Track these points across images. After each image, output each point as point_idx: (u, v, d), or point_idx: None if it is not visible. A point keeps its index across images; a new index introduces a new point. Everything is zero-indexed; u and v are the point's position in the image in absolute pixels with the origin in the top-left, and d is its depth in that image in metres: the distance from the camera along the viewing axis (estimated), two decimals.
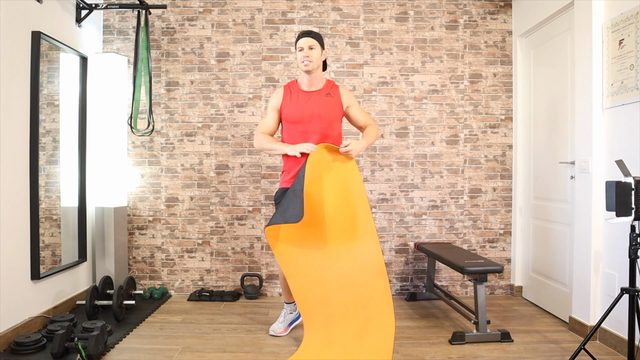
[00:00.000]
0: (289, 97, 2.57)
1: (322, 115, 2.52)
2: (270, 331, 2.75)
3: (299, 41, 2.50)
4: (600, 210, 2.66)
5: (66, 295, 3.11)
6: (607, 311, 2.07)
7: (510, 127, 3.71)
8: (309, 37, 2.48)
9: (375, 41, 3.67)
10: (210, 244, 3.66)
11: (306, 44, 2.47)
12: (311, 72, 2.51)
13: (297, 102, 2.55)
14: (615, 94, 2.55)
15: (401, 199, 3.68)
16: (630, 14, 2.43)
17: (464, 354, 2.49)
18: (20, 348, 2.36)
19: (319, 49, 2.50)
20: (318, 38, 2.51)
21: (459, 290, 3.70)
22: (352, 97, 2.64)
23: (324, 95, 2.56)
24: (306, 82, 2.57)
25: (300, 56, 2.48)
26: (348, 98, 2.61)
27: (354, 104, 2.63)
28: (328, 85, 2.61)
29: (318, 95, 2.55)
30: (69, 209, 3.18)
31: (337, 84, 2.71)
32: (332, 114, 2.55)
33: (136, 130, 3.38)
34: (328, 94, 2.56)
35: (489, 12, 3.70)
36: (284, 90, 2.61)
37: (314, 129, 2.52)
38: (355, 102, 2.64)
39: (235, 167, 3.66)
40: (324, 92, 2.57)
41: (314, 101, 2.54)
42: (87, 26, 3.41)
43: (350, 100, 2.62)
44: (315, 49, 2.48)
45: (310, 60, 2.46)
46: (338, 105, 2.58)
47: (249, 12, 3.66)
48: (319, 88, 2.57)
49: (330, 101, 2.56)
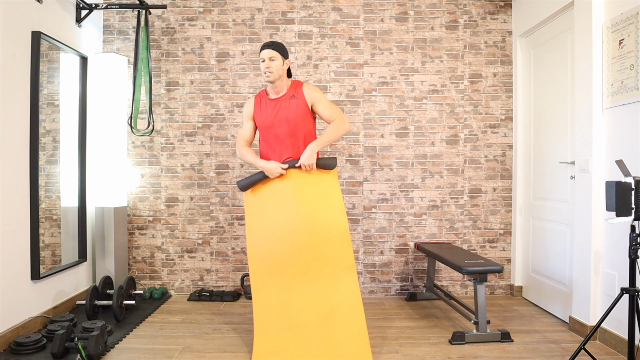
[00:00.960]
0: (259, 105, 2.71)
1: (289, 118, 2.63)
2: None
3: (261, 53, 2.59)
4: (600, 210, 2.66)
5: (66, 295, 3.11)
6: (607, 311, 2.07)
7: (510, 127, 3.71)
8: (269, 49, 2.57)
9: (375, 41, 3.67)
10: (210, 244, 3.66)
11: (267, 55, 2.56)
12: (274, 82, 2.61)
13: (266, 109, 2.68)
14: (615, 94, 2.55)
15: (401, 199, 3.68)
16: (630, 14, 2.43)
17: (464, 354, 2.49)
18: (20, 348, 2.36)
19: (279, 59, 2.58)
20: (279, 49, 2.59)
21: (459, 290, 3.70)
22: (317, 92, 2.66)
23: (289, 98, 2.66)
24: (272, 90, 2.68)
25: (263, 67, 2.59)
26: (311, 95, 2.64)
27: (319, 100, 2.64)
28: (292, 87, 2.68)
29: (284, 100, 2.65)
30: (69, 209, 3.18)
31: (302, 81, 2.74)
32: (298, 114, 2.63)
33: (136, 130, 3.38)
34: (292, 97, 2.65)
35: (489, 12, 3.70)
36: (254, 100, 2.73)
37: (283, 132, 2.64)
38: (320, 97, 2.65)
39: (235, 167, 3.66)
40: (289, 95, 2.66)
41: (280, 107, 2.65)
42: (87, 26, 3.42)
43: (313, 97, 2.64)
44: (276, 60, 2.57)
45: (270, 72, 2.56)
46: (302, 105, 2.64)
47: (249, 12, 3.66)
48: (283, 93, 2.67)
49: (295, 103, 2.65)
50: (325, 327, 2.29)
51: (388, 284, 3.68)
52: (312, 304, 2.34)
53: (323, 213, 2.48)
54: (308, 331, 2.30)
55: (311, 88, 2.67)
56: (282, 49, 2.62)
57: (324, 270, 2.39)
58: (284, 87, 2.67)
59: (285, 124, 2.63)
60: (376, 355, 2.46)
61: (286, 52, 2.65)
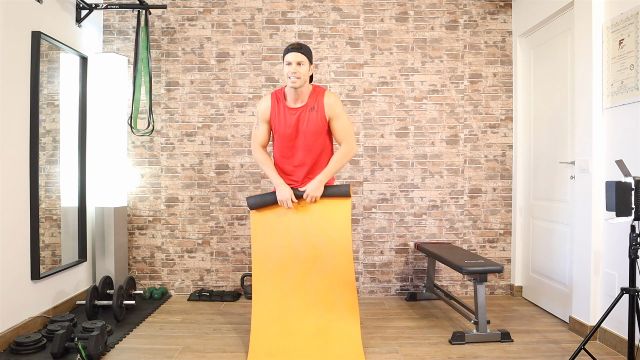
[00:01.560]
0: (277, 111, 2.54)
1: (307, 132, 2.51)
2: None
3: (288, 55, 2.40)
4: (600, 210, 2.66)
5: (66, 295, 3.11)
6: (607, 311, 2.07)
7: (510, 127, 3.71)
8: (299, 52, 2.38)
9: (375, 41, 3.67)
10: (210, 244, 3.67)
11: (295, 59, 2.38)
12: (298, 88, 2.45)
13: (284, 118, 2.53)
14: (615, 94, 2.55)
15: (401, 199, 3.68)
16: (630, 14, 2.43)
17: (464, 354, 2.49)
18: (20, 348, 2.36)
19: (307, 64, 2.41)
20: (307, 53, 2.42)
21: (459, 290, 3.70)
22: (337, 106, 2.50)
23: (309, 110, 2.50)
24: (292, 97, 2.50)
25: (288, 71, 2.40)
26: (330, 111, 2.49)
27: (336, 117, 2.50)
28: (313, 96, 2.51)
29: (303, 111, 2.50)
30: (69, 209, 3.18)
31: (324, 88, 2.58)
32: (316, 129, 2.52)
33: (136, 130, 3.38)
34: (312, 108, 2.50)
35: (489, 12, 3.70)
36: (271, 102, 2.56)
37: (299, 145, 2.54)
38: (339, 114, 2.50)
39: (235, 167, 3.66)
40: (309, 106, 2.50)
41: (299, 118, 2.50)
42: (87, 26, 3.42)
43: (332, 113, 2.50)
44: (304, 65, 2.40)
45: (298, 77, 2.39)
46: (321, 119, 2.50)
47: (249, 12, 3.66)
48: (304, 103, 2.51)
49: (314, 116, 2.50)
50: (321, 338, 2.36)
51: (388, 284, 3.68)
52: (310, 314, 2.41)
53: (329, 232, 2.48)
54: (304, 340, 2.36)
55: (332, 102, 2.50)
56: (310, 53, 2.45)
57: (324, 282, 2.44)
58: (305, 96, 2.50)
59: (302, 137, 2.52)
60: (376, 355, 2.46)
61: (312, 57, 2.49)
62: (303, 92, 2.48)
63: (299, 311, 2.41)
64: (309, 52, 2.45)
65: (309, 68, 2.45)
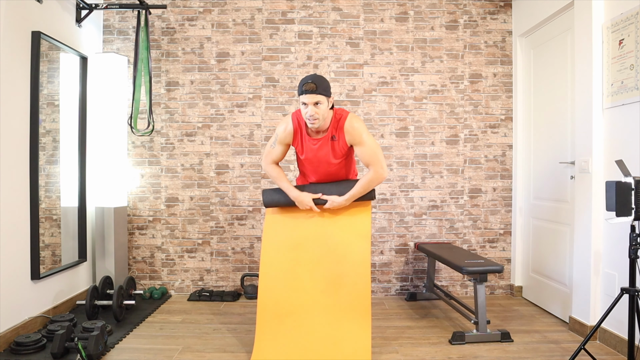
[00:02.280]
0: (299, 138, 2.45)
1: (330, 160, 2.45)
2: None
3: (302, 96, 2.25)
4: (600, 210, 2.66)
5: (66, 295, 3.11)
6: (607, 311, 2.07)
7: (510, 127, 3.71)
8: (314, 93, 2.21)
9: (375, 41, 3.67)
10: (210, 244, 3.67)
11: (311, 100, 2.23)
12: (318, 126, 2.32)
13: (306, 146, 2.44)
14: (615, 94, 2.55)
15: (401, 199, 3.68)
16: (630, 14, 2.43)
17: (464, 354, 2.49)
18: (20, 348, 2.36)
19: (325, 101, 2.26)
20: (324, 90, 2.25)
21: (459, 290, 3.70)
22: (357, 134, 2.35)
23: (329, 139, 2.40)
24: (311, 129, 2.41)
25: (305, 113, 2.27)
26: (352, 138, 2.37)
27: (358, 144, 2.37)
28: (334, 124, 2.37)
29: (324, 142, 2.40)
30: (69, 209, 3.18)
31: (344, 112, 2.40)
32: (339, 156, 2.45)
33: (136, 130, 3.38)
34: (332, 138, 2.39)
35: (489, 12, 3.70)
36: (292, 128, 2.43)
37: (323, 170, 2.50)
38: (360, 140, 2.36)
39: (235, 167, 3.66)
40: (329, 136, 2.39)
41: (320, 147, 2.42)
42: (87, 26, 3.41)
43: (354, 139, 2.37)
44: (322, 104, 2.24)
45: (316, 118, 2.26)
46: (343, 147, 2.42)
47: (249, 12, 3.66)
48: (325, 133, 2.39)
49: (336, 146, 2.41)
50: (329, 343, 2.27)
51: (388, 284, 3.68)
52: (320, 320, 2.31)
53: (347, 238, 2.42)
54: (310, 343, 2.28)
55: (351, 130, 2.35)
56: (326, 87, 2.27)
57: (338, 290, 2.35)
58: (327, 124, 2.36)
59: (325, 165, 2.46)
60: (376, 355, 2.46)
61: (329, 89, 2.30)
62: (325, 124, 2.37)
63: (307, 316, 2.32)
64: (325, 87, 2.27)
65: (328, 102, 2.29)
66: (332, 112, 2.38)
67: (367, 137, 2.37)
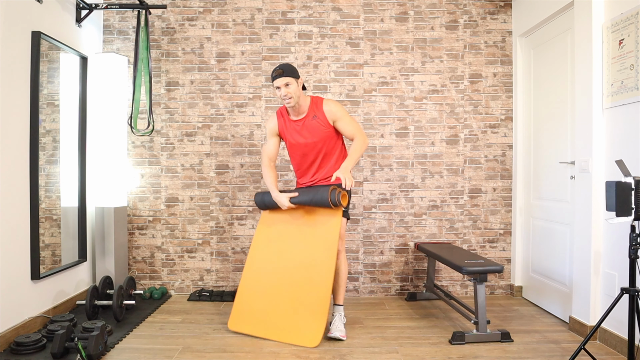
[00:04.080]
0: (284, 125, 2.79)
1: (316, 139, 2.72)
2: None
3: (274, 82, 2.63)
4: (600, 210, 2.66)
5: (66, 295, 3.11)
6: (607, 311, 2.08)
7: (510, 127, 3.71)
8: (282, 77, 2.59)
9: (375, 41, 3.67)
10: (210, 244, 3.67)
11: (282, 83, 2.60)
12: (294, 105, 2.66)
13: (291, 130, 2.77)
14: (615, 94, 2.55)
15: (401, 199, 3.68)
16: (630, 14, 2.43)
17: (464, 354, 2.49)
18: (20, 348, 2.36)
19: (294, 82, 2.62)
20: (290, 73, 2.61)
21: (459, 290, 3.70)
22: (337, 109, 2.70)
23: (311, 119, 2.72)
24: (292, 112, 2.74)
25: (280, 95, 2.65)
26: (332, 114, 2.69)
27: (339, 118, 2.70)
28: (313, 106, 2.72)
29: (306, 121, 2.72)
30: (69, 209, 3.18)
31: (320, 97, 2.78)
32: (322, 135, 2.72)
33: (136, 130, 3.38)
34: (314, 117, 2.71)
35: (489, 12, 3.70)
36: (277, 118, 2.81)
37: (310, 152, 2.76)
38: (341, 114, 2.70)
39: (235, 167, 3.66)
40: (310, 115, 2.72)
41: (303, 128, 2.73)
42: (87, 26, 3.42)
43: (334, 115, 2.69)
44: (291, 84, 2.61)
45: (290, 97, 2.62)
46: (325, 125, 2.71)
47: (249, 12, 3.66)
48: (304, 114, 2.72)
49: (317, 123, 2.71)
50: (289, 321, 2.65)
51: (388, 284, 3.68)
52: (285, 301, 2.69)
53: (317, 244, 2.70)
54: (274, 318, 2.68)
55: (331, 106, 2.70)
56: (293, 71, 2.64)
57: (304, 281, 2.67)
58: (304, 108, 2.72)
59: (311, 145, 2.73)
60: (376, 355, 2.46)
61: (297, 72, 2.66)
62: (301, 105, 2.70)
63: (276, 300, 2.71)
64: (291, 70, 2.63)
65: (297, 83, 2.65)
66: (309, 98, 2.74)
67: (345, 112, 2.73)
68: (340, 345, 2.61)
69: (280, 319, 2.66)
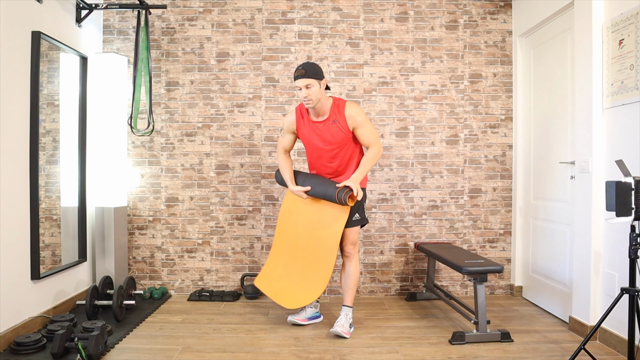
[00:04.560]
0: (302, 124, 2.74)
1: (333, 143, 2.67)
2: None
3: (295, 82, 2.57)
4: (600, 210, 2.66)
5: (66, 295, 3.11)
6: (607, 311, 2.08)
7: (510, 127, 3.71)
8: (304, 77, 2.53)
9: (375, 41, 3.67)
10: (210, 244, 3.66)
11: (303, 84, 2.54)
12: (314, 106, 2.62)
13: (309, 130, 2.72)
14: (615, 94, 2.55)
15: (401, 199, 3.68)
16: (630, 14, 2.43)
17: (464, 354, 2.49)
18: (20, 348, 2.36)
19: (316, 84, 2.55)
20: (313, 74, 2.54)
21: (459, 290, 3.70)
22: (358, 117, 2.63)
23: (331, 123, 2.65)
24: (313, 112, 2.68)
25: (301, 96, 2.58)
26: (353, 120, 2.63)
27: (359, 126, 2.64)
28: (334, 109, 2.65)
29: (326, 124, 2.66)
30: (69, 209, 3.18)
31: (344, 100, 2.70)
32: (340, 140, 2.67)
33: (136, 130, 3.38)
34: (334, 121, 2.64)
35: (489, 12, 3.70)
36: (295, 116, 2.76)
37: (326, 155, 2.72)
38: (362, 121, 2.64)
39: (235, 167, 3.66)
40: (331, 119, 2.65)
41: (322, 131, 2.67)
42: (87, 26, 3.41)
43: (355, 122, 2.63)
44: (313, 86, 2.54)
45: (310, 99, 2.56)
46: (345, 131, 2.65)
47: (249, 12, 3.66)
48: (325, 117, 2.66)
49: (337, 129, 2.65)
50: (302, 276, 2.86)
51: (388, 284, 3.68)
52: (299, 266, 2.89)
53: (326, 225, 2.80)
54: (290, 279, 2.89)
55: (353, 113, 2.63)
56: (315, 71, 2.56)
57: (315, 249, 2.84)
58: (325, 110, 2.65)
59: (328, 148, 2.69)
60: (376, 355, 2.46)
61: (320, 73, 2.58)
62: (323, 107, 2.64)
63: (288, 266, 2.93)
64: (313, 71, 2.55)
65: (320, 85, 2.57)
66: (331, 100, 2.67)
67: (366, 120, 2.67)
68: (340, 345, 2.61)
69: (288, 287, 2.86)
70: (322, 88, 2.59)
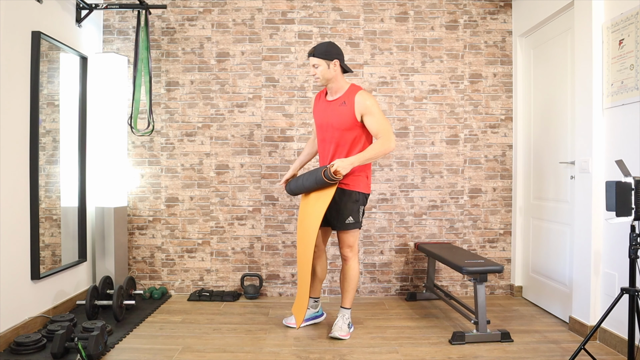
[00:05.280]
0: (318, 102, 2.81)
1: (334, 124, 2.66)
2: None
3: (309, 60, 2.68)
4: (600, 210, 2.66)
5: (66, 295, 3.11)
6: (607, 311, 2.08)
7: (510, 127, 3.71)
8: (312, 56, 2.63)
9: (375, 41, 3.67)
10: (210, 244, 3.67)
11: (311, 62, 2.65)
12: (327, 85, 2.69)
13: (320, 109, 2.77)
14: (615, 94, 2.55)
15: (401, 199, 3.68)
16: (630, 14, 2.43)
17: (464, 354, 2.49)
18: (20, 348, 2.36)
19: (323, 63, 2.60)
20: (321, 54, 2.61)
21: (459, 290, 3.70)
22: (370, 104, 2.57)
23: (340, 104, 2.65)
24: (330, 92, 2.74)
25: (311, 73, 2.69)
26: (362, 107, 2.57)
27: (369, 113, 2.57)
28: (348, 92, 2.65)
29: (334, 104, 2.68)
30: (69, 209, 3.18)
31: (360, 87, 2.67)
32: (343, 123, 2.63)
33: (136, 130, 3.38)
34: (343, 103, 2.64)
35: (489, 12, 3.70)
36: (315, 98, 2.86)
37: (329, 137, 2.71)
38: (372, 110, 2.57)
39: (235, 167, 3.66)
40: (341, 101, 2.66)
41: (330, 110, 2.69)
42: (87, 26, 3.42)
43: (364, 109, 2.57)
44: (320, 66, 2.61)
45: (317, 77, 2.65)
46: (350, 115, 2.60)
47: (249, 12, 3.66)
48: (337, 97, 2.69)
49: (343, 111, 2.63)
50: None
51: (388, 284, 3.68)
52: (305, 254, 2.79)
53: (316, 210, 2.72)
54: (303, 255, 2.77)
55: (364, 98, 2.58)
56: (324, 52, 2.61)
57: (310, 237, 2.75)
58: (340, 90, 2.69)
59: (330, 130, 2.69)
60: (376, 355, 2.46)
61: (331, 54, 2.61)
62: (336, 87, 2.68)
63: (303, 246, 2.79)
64: (323, 52, 2.61)
65: (328, 65, 2.61)
66: (349, 84, 2.70)
67: (377, 109, 2.60)
68: (340, 345, 2.61)
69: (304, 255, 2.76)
70: (332, 68, 2.61)
